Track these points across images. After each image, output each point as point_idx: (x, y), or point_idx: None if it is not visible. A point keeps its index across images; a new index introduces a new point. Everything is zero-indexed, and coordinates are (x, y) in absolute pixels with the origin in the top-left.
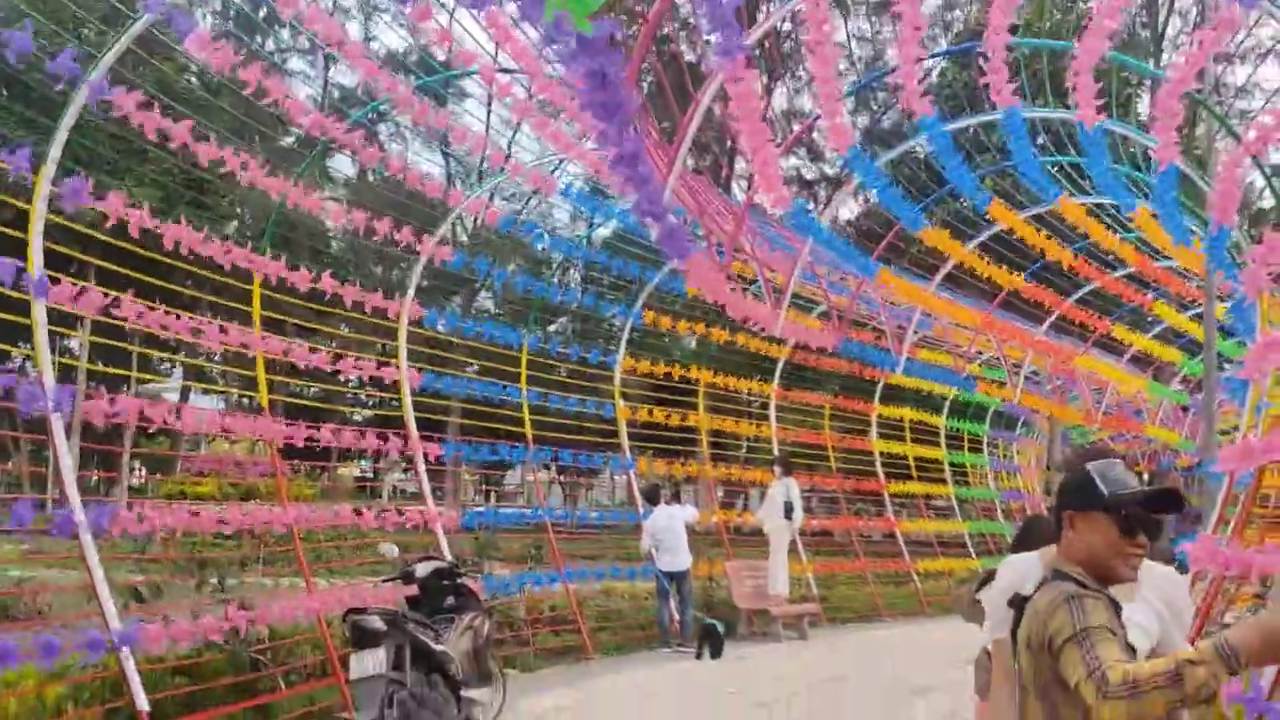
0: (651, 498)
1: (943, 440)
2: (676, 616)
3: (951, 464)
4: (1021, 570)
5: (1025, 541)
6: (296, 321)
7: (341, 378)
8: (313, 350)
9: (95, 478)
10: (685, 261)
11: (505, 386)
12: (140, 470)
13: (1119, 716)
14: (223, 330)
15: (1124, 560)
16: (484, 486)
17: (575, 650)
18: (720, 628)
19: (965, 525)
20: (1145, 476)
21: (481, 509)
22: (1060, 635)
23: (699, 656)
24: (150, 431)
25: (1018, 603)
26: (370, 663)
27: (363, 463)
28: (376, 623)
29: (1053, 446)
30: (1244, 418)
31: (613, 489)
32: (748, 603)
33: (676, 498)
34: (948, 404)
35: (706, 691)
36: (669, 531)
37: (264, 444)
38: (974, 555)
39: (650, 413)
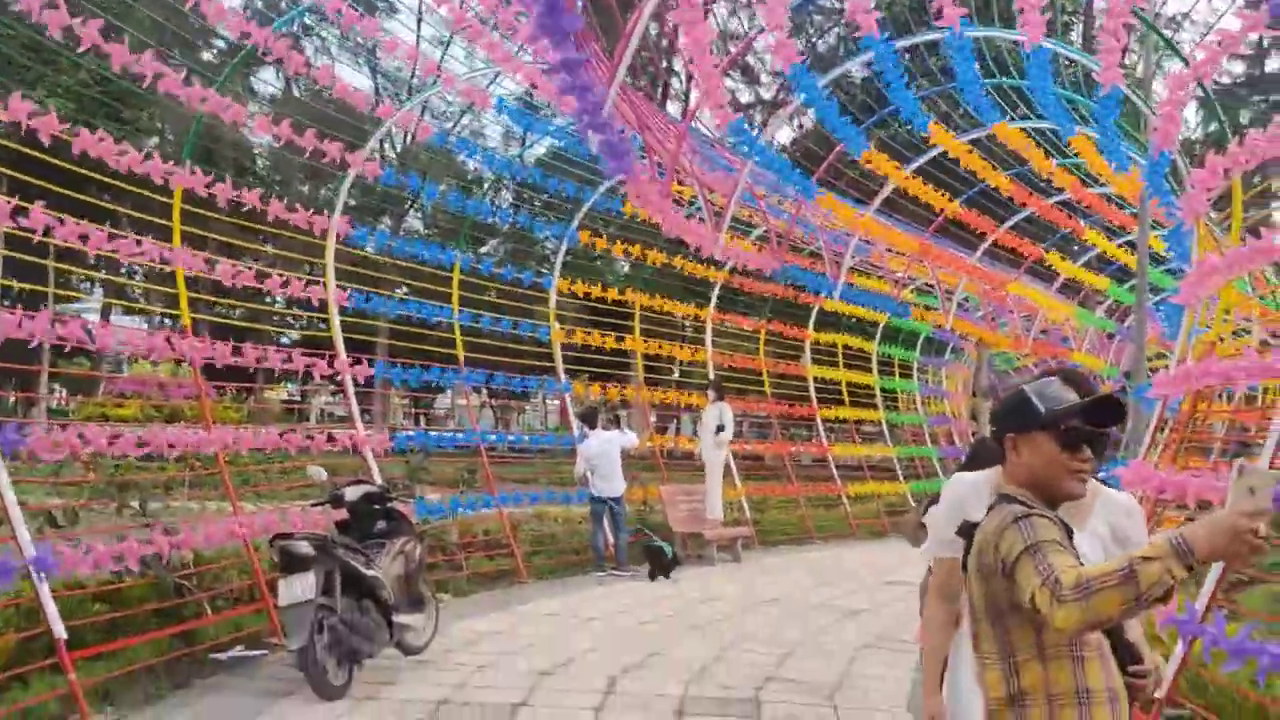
0: (589, 421)
1: (874, 366)
2: (610, 541)
3: (882, 389)
4: (965, 488)
5: (974, 463)
6: (222, 238)
7: (267, 297)
8: (236, 267)
9: (13, 399)
10: (625, 176)
11: (437, 307)
12: (61, 392)
13: (1073, 621)
14: (138, 244)
15: (1070, 476)
16: (414, 411)
17: (509, 575)
18: (668, 549)
19: (895, 450)
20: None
21: (412, 432)
22: (1012, 554)
23: (652, 578)
24: (67, 351)
25: (967, 530)
26: (299, 588)
27: (289, 386)
28: (305, 548)
29: (979, 372)
30: (1178, 343)
31: (545, 413)
32: (682, 526)
33: (616, 423)
34: (880, 330)
35: (640, 614)
36: (604, 457)
37: (188, 366)
38: (902, 479)
39: (585, 336)
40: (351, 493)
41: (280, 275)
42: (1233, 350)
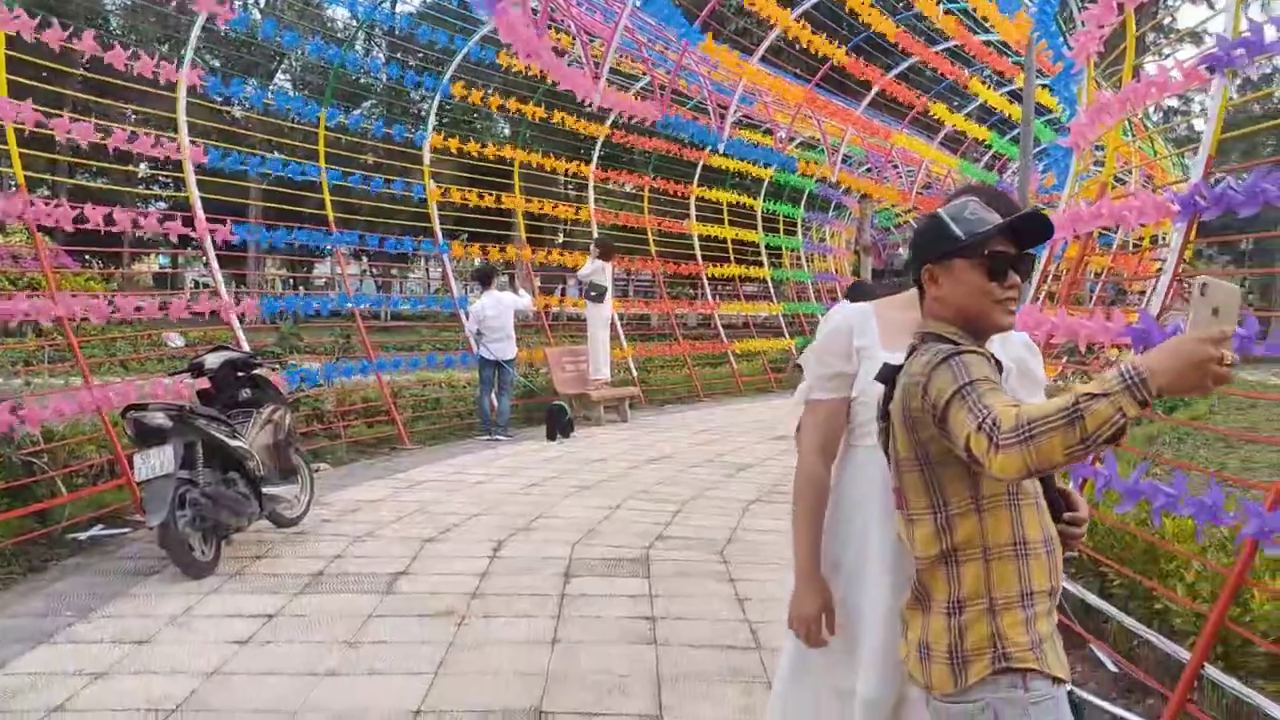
0: (484, 280)
1: (759, 223)
2: (495, 405)
3: (767, 246)
4: (850, 316)
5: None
6: (75, 95)
7: (132, 164)
8: (74, 120)
9: None
10: (497, 16)
11: (302, 165)
12: None
13: (1013, 468)
14: None
15: (998, 307)
16: (292, 279)
17: (389, 442)
18: (567, 408)
19: (779, 307)
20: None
21: (283, 298)
22: (942, 397)
23: (550, 438)
24: None
25: (888, 374)
26: (156, 461)
27: (161, 260)
28: (160, 418)
29: (862, 228)
30: (1065, 187)
31: (429, 282)
32: (568, 388)
33: (512, 284)
34: (764, 186)
35: (526, 477)
36: (498, 319)
37: (44, 235)
38: (788, 336)
39: (463, 195)
40: (212, 360)
41: (125, 129)
42: (1119, 195)
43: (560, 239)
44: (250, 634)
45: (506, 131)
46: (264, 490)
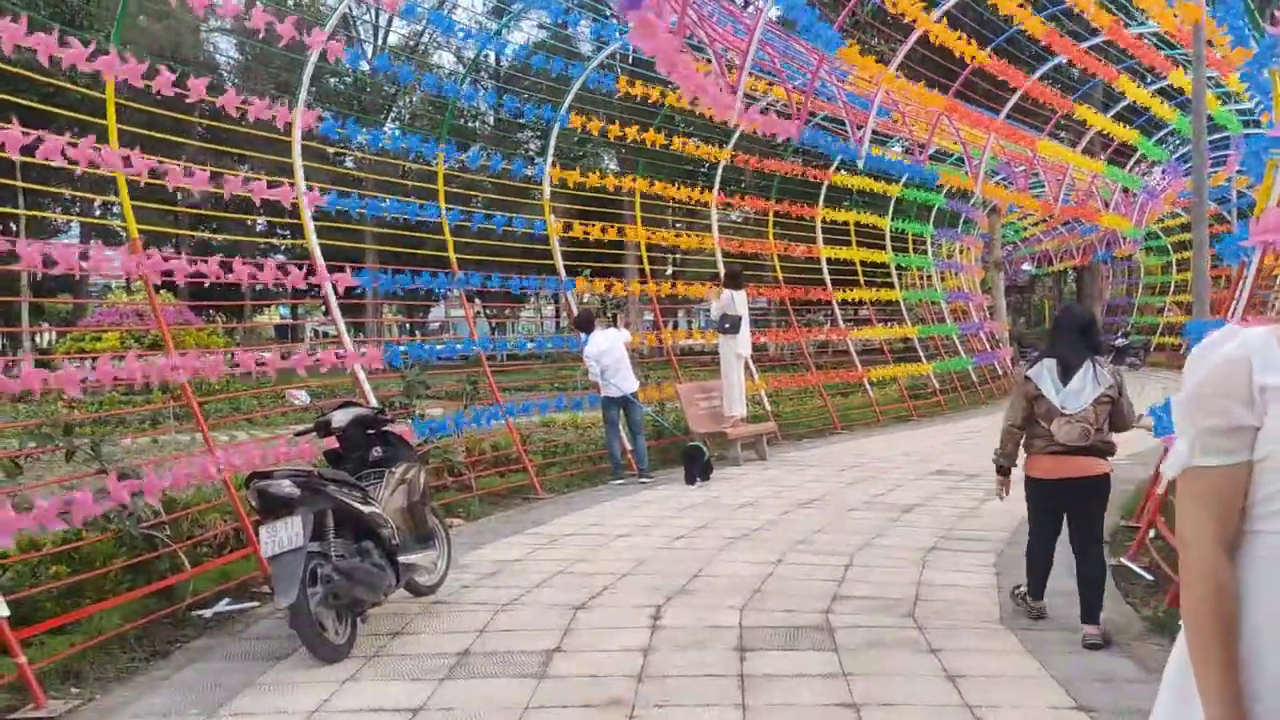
0: (585, 325)
1: (888, 242)
2: (628, 446)
3: (897, 267)
4: (1243, 342)
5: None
6: (188, 142)
7: (249, 220)
8: (187, 172)
9: None
10: (636, 19)
11: (421, 204)
12: (48, 329)
13: None
14: (72, 145)
15: None
16: (408, 324)
17: (523, 491)
18: (704, 448)
19: (915, 330)
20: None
21: (405, 345)
22: None
23: (690, 482)
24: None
25: None
26: (284, 535)
27: (282, 310)
28: (287, 487)
29: (992, 243)
30: (1278, 180)
31: (540, 319)
32: (703, 426)
33: (614, 321)
34: (892, 204)
35: (671, 527)
36: (611, 354)
37: (160, 289)
38: (924, 359)
39: (584, 228)
40: (340, 417)
41: (240, 175)
42: None
43: (669, 270)
44: None
45: (614, 164)
46: (400, 559)
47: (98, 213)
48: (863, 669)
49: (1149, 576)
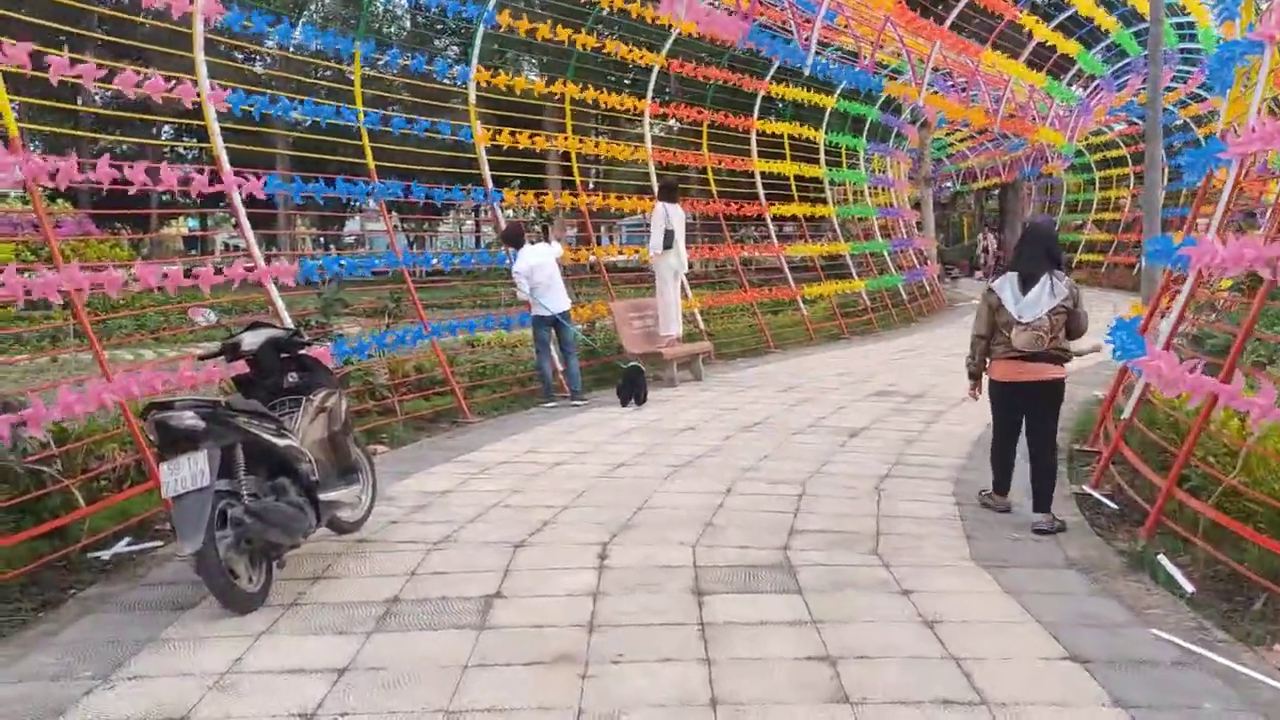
0: (515, 239)
1: (822, 157)
2: (560, 367)
3: (831, 182)
4: None
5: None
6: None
7: (154, 128)
8: (75, 61)
9: None
10: None
11: (337, 107)
12: None
13: None
14: None
15: None
16: (323, 239)
17: (450, 415)
18: (642, 370)
19: (848, 247)
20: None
21: (321, 258)
22: None
23: (624, 404)
24: None
25: None
26: (187, 472)
27: (190, 223)
28: (189, 419)
29: (922, 158)
30: (1258, 90)
31: (460, 234)
32: (637, 346)
33: (545, 235)
34: (827, 116)
35: (611, 454)
36: (543, 270)
37: (64, 201)
38: (856, 277)
39: (513, 137)
40: (251, 339)
41: (133, 69)
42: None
43: (591, 183)
44: (318, 702)
45: (535, 74)
46: (321, 497)
47: None
48: (831, 614)
49: (1114, 505)
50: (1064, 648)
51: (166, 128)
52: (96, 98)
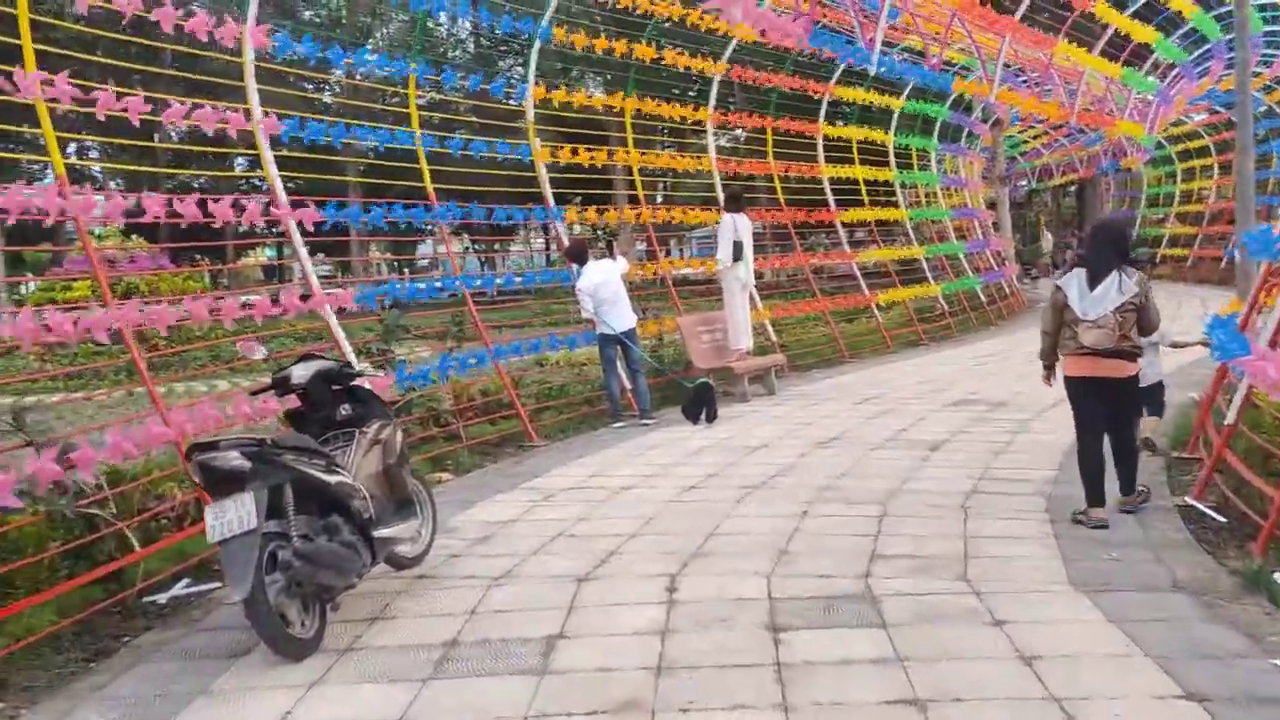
0: (578, 256)
1: (891, 159)
2: (627, 385)
3: (902, 185)
4: None
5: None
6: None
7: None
8: (121, 96)
9: None
10: None
11: (393, 130)
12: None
13: None
14: None
15: None
16: (396, 264)
17: (516, 439)
18: (712, 386)
19: (922, 250)
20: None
21: (382, 284)
22: None
23: (694, 422)
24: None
25: None
26: (234, 515)
27: (268, 252)
28: (234, 459)
29: (995, 157)
30: None
31: (530, 254)
32: (707, 361)
33: (609, 251)
34: (895, 118)
35: (680, 476)
36: (606, 287)
37: (138, 236)
38: (931, 281)
39: (573, 153)
40: (300, 372)
41: (184, 102)
42: None
43: (659, 196)
44: None
45: (599, 89)
46: (376, 534)
47: (71, 155)
48: (919, 651)
49: (1221, 518)
50: (1178, 684)
51: (240, 161)
52: (173, 134)
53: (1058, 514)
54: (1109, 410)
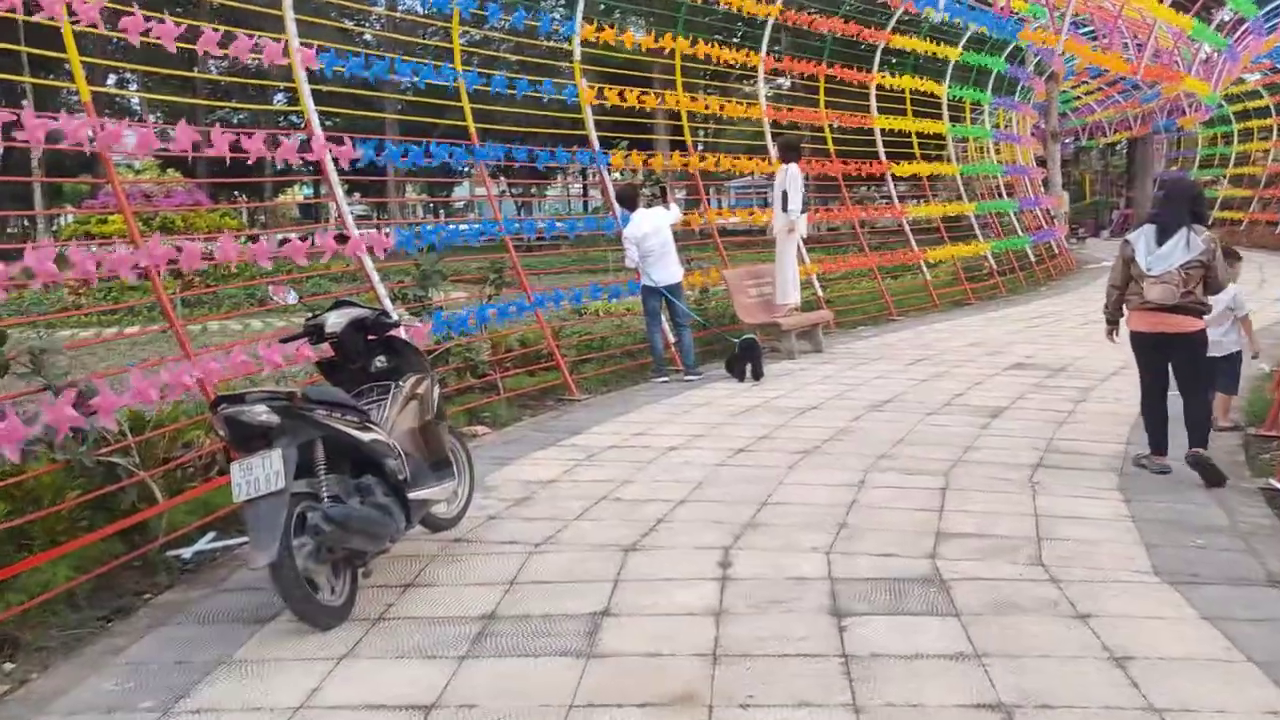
0: (629, 201)
1: (945, 111)
2: (672, 339)
3: (955, 138)
4: None
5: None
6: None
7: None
8: (149, 19)
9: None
10: None
11: (437, 66)
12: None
13: None
14: None
15: None
16: (433, 205)
17: (556, 392)
18: (757, 342)
19: (972, 207)
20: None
21: (417, 228)
22: None
23: (739, 379)
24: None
25: None
26: (260, 474)
27: (305, 190)
28: (261, 414)
29: (1049, 112)
30: None
31: (569, 200)
32: (753, 316)
33: (662, 198)
34: (950, 68)
35: (728, 437)
36: (656, 237)
37: (175, 170)
38: (981, 239)
39: (621, 95)
40: (335, 320)
41: (218, 29)
42: None
43: (700, 144)
44: None
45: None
46: (411, 495)
47: (111, 84)
48: (998, 645)
49: None
50: None
51: (279, 96)
52: (212, 67)
53: (1132, 493)
54: (1176, 370)
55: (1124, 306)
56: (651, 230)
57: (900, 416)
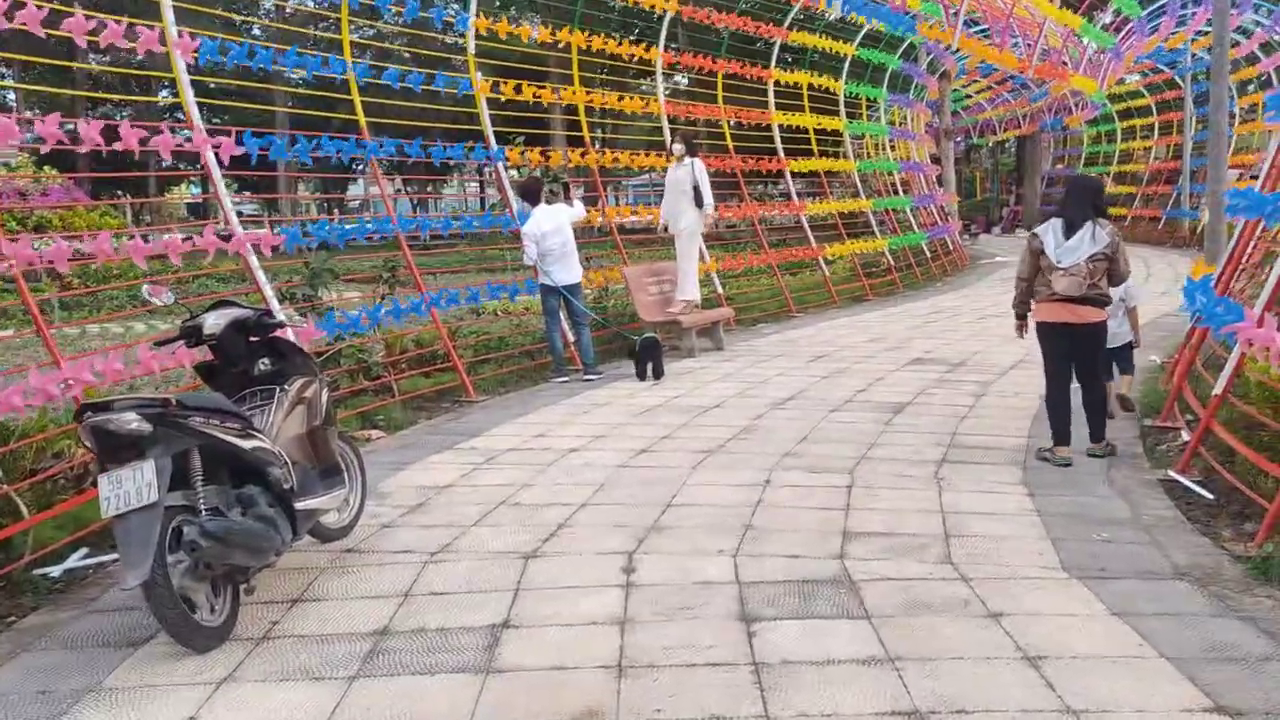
0: (533, 195)
1: (842, 109)
2: (571, 338)
3: (851, 135)
4: None
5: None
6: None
7: (91, 56)
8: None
9: None
10: None
11: (325, 59)
12: None
13: None
14: None
15: None
16: (326, 204)
17: (453, 393)
18: (658, 339)
19: (870, 203)
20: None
21: (307, 225)
22: None
23: (641, 378)
24: None
25: None
26: (131, 486)
27: (193, 188)
28: (131, 422)
29: (942, 110)
30: None
31: (464, 199)
32: (653, 314)
33: (564, 194)
34: (846, 65)
35: (629, 438)
36: (556, 235)
37: (52, 168)
38: (878, 235)
39: (516, 89)
40: (213, 320)
41: (89, 16)
42: None
43: (598, 140)
44: None
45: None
46: (298, 505)
47: None
48: (911, 648)
49: (1208, 495)
50: (1204, 694)
51: (164, 91)
52: (93, 60)
53: (1036, 487)
54: (1078, 359)
55: (1030, 299)
56: (552, 229)
57: (803, 414)
